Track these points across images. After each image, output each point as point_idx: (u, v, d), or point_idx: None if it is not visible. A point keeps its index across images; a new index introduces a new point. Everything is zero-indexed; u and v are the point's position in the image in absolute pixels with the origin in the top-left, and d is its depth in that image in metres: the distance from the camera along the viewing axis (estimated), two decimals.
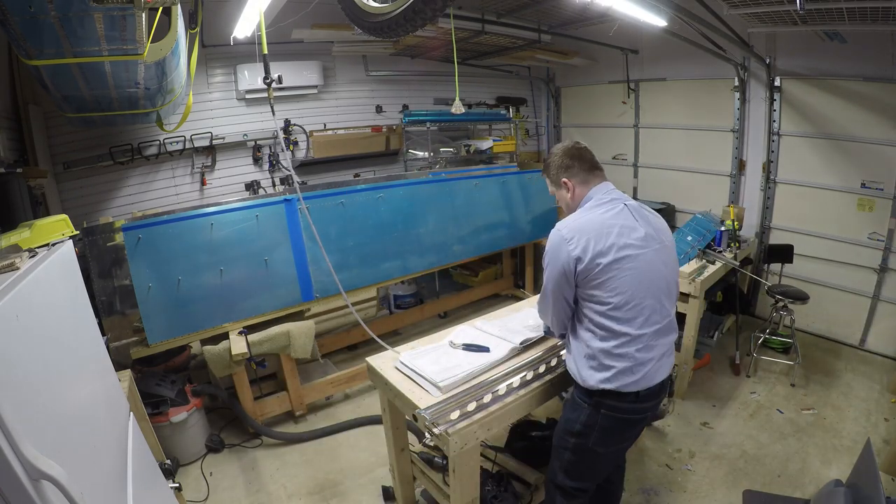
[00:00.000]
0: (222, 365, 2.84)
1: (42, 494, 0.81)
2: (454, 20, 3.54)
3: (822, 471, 2.65)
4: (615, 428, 1.70)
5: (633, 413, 1.67)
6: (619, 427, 1.70)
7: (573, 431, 1.74)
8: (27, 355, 0.98)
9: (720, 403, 3.32)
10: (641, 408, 1.67)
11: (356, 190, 3.54)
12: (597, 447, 1.72)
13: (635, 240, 1.61)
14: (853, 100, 3.74)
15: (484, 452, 2.45)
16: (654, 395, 1.69)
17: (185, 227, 2.85)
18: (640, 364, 1.60)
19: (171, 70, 2.41)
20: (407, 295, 4.72)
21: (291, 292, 3.19)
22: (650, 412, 1.76)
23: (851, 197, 3.88)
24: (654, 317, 1.62)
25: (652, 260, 1.63)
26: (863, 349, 4.00)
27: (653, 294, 1.62)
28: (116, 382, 1.76)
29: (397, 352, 2.14)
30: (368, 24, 1.96)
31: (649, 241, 1.64)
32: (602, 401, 1.65)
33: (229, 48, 3.78)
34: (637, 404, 1.65)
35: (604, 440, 1.71)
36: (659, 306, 1.64)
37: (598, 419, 1.67)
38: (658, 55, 4.94)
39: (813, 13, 3.08)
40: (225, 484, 2.75)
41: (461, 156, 5.09)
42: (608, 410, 1.65)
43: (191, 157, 4.13)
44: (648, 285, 1.61)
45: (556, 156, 1.80)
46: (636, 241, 1.61)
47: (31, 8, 1.46)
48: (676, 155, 5.09)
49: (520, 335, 2.18)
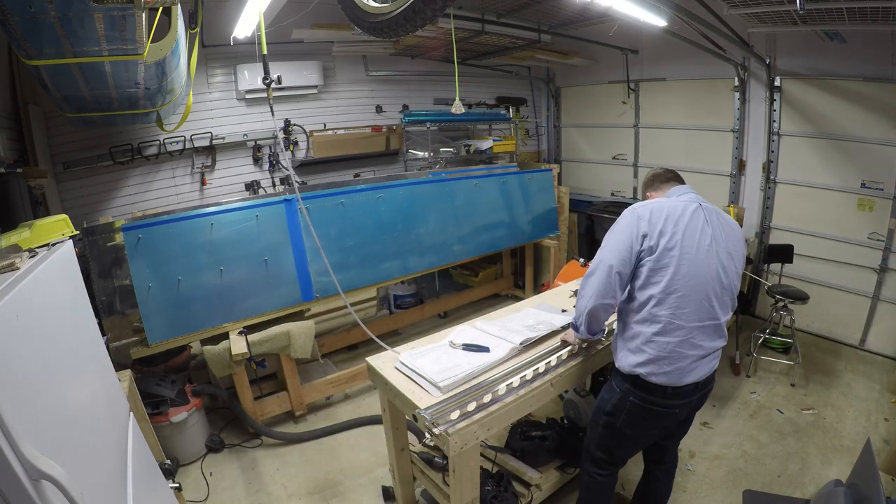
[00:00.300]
0: (222, 365, 2.84)
1: (42, 494, 0.81)
2: (454, 20, 3.54)
3: (822, 471, 2.65)
4: (641, 416, 1.78)
5: (661, 406, 1.74)
6: (645, 416, 1.78)
7: (605, 410, 1.86)
8: (27, 355, 0.98)
9: (720, 403, 3.32)
10: (669, 403, 1.74)
11: (356, 190, 3.54)
12: (624, 429, 1.83)
13: (701, 235, 1.67)
14: (853, 100, 3.75)
15: (484, 452, 2.46)
16: (685, 395, 1.73)
17: (185, 227, 2.85)
18: (675, 358, 1.66)
19: (171, 70, 2.41)
20: (407, 295, 4.72)
21: (291, 292, 3.19)
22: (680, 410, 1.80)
23: (851, 197, 3.88)
24: (699, 313, 1.66)
25: (711, 261, 1.67)
26: (863, 349, 4.01)
27: (703, 292, 1.66)
28: (116, 382, 1.76)
29: (397, 352, 2.14)
30: (368, 24, 1.96)
31: (716, 242, 1.69)
32: (632, 389, 1.74)
33: (229, 48, 3.78)
34: (665, 399, 1.72)
35: (631, 424, 1.82)
36: (707, 305, 1.68)
37: (626, 405, 1.77)
38: (658, 55, 4.94)
39: (813, 13, 3.08)
40: (225, 484, 2.75)
41: (461, 156, 5.09)
42: (636, 399, 1.74)
43: (191, 157, 4.12)
44: (701, 282, 1.65)
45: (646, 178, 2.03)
46: (702, 237, 1.67)
47: (31, 8, 1.46)
48: (676, 155, 5.08)
49: (520, 335, 2.19)
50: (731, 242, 1.75)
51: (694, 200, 1.77)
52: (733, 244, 1.76)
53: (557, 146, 6.45)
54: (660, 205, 1.72)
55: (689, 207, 1.72)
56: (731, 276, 1.74)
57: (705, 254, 1.66)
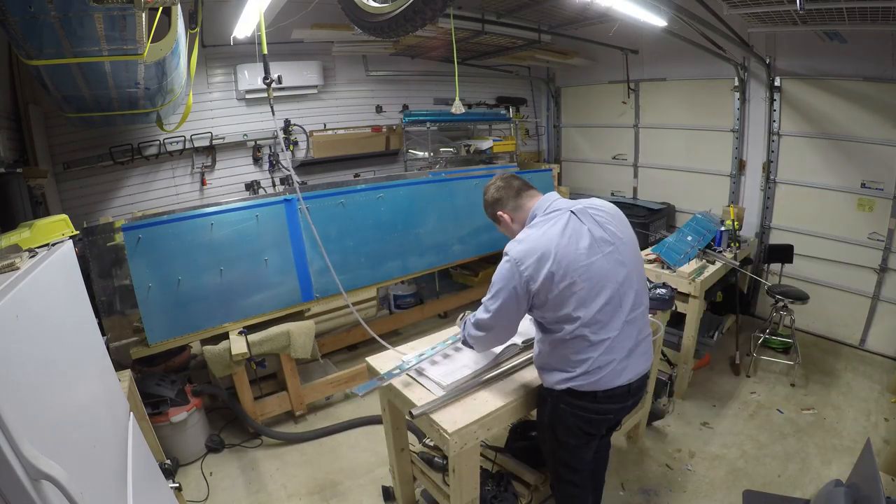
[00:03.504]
0: (222, 365, 2.83)
1: (42, 494, 0.81)
2: (454, 20, 3.54)
3: (822, 471, 2.65)
4: (576, 423, 1.70)
5: (594, 413, 1.68)
6: (580, 423, 1.70)
7: (542, 424, 1.81)
8: (27, 355, 0.98)
9: (720, 403, 3.32)
10: (601, 408, 1.67)
11: (356, 190, 3.53)
12: (566, 438, 1.76)
13: (584, 249, 1.58)
14: (853, 100, 3.74)
15: (484, 452, 2.45)
16: (619, 398, 1.67)
17: (185, 227, 2.85)
18: (598, 367, 1.60)
19: (171, 70, 2.41)
20: (407, 295, 4.72)
21: (291, 292, 3.19)
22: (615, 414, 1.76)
23: (851, 197, 3.88)
24: (617, 317, 1.60)
25: (603, 266, 1.59)
26: (863, 349, 4.00)
27: (614, 297, 1.59)
28: (116, 382, 1.76)
29: (399, 351, 2.14)
30: (368, 24, 1.96)
31: (600, 247, 1.60)
32: (561, 397, 1.67)
33: (229, 48, 3.77)
34: (595, 404, 1.65)
35: (569, 432, 1.74)
36: (622, 305, 1.61)
37: (557, 414, 1.71)
38: (658, 55, 4.94)
39: (813, 13, 3.08)
40: (225, 484, 2.75)
41: (461, 156, 5.09)
42: (567, 406, 1.68)
43: (191, 157, 4.12)
44: (608, 290, 1.58)
45: (488, 196, 1.83)
46: (584, 251, 1.58)
47: (31, 8, 1.46)
48: (676, 155, 5.09)
49: (520, 335, 2.18)
50: (616, 234, 1.65)
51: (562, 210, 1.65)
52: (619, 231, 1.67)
53: (557, 146, 6.45)
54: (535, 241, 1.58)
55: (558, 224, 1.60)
56: (630, 262, 1.66)
57: (597, 263, 1.58)
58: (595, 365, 1.59)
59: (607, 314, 1.59)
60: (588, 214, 1.66)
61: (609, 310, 1.59)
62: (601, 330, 1.58)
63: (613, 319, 1.60)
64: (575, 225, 1.62)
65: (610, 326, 1.59)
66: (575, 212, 1.65)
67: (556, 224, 1.61)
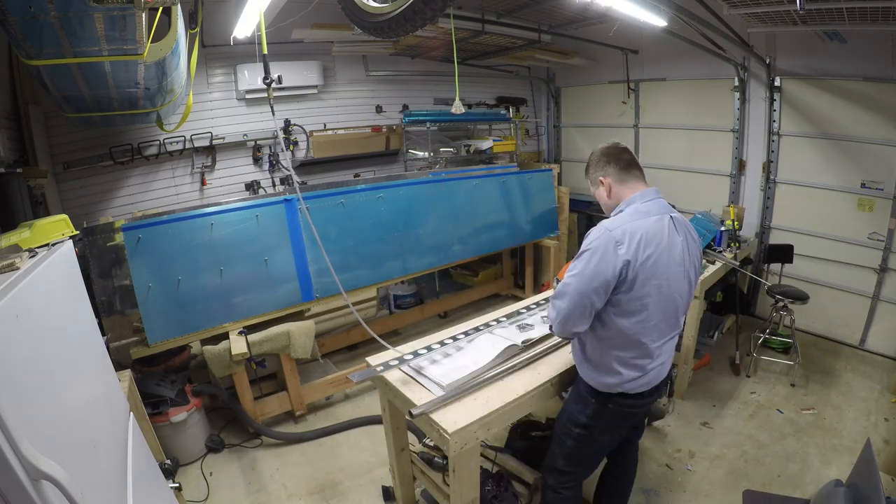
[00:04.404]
0: (222, 365, 2.83)
1: (42, 494, 0.81)
2: (454, 20, 3.54)
3: (822, 471, 2.65)
4: (618, 420, 1.81)
5: (636, 407, 1.78)
6: (621, 419, 1.81)
7: (578, 423, 1.81)
8: (27, 355, 0.98)
9: (720, 403, 3.32)
10: (643, 403, 1.78)
11: (356, 190, 3.53)
12: (600, 437, 1.83)
13: (675, 257, 1.62)
14: (853, 100, 3.74)
15: (484, 452, 2.45)
16: (656, 391, 1.79)
17: (185, 227, 2.85)
18: (647, 372, 1.69)
19: (171, 70, 2.40)
20: (407, 295, 4.72)
21: (291, 292, 3.19)
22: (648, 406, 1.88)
23: (851, 197, 3.88)
24: (670, 330, 1.71)
25: (681, 280, 1.66)
26: (863, 349, 4.01)
27: (673, 311, 1.68)
28: (116, 382, 1.76)
29: (399, 352, 2.14)
30: (368, 24, 1.96)
31: (684, 262, 1.66)
32: (610, 397, 1.73)
33: (229, 48, 3.77)
34: (639, 400, 1.76)
35: (608, 430, 1.83)
36: (674, 321, 1.71)
37: (603, 413, 1.75)
38: (658, 55, 4.94)
39: (813, 13, 3.08)
40: (225, 484, 2.75)
41: (461, 156, 5.09)
42: (615, 406, 1.74)
43: (191, 157, 4.12)
44: (673, 303, 1.66)
45: (595, 155, 1.77)
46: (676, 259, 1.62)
47: (31, 8, 1.46)
48: (676, 155, 5.08)
49: (521, 335, 2.18)
50: (695, 253, 1.73)
51: (664, 211, 1.65)
52: (695, 254, 1.74)
53: (557, 146, 6.44)
54: (638, 227, 1.56)
55: (662, 224, 1.60)
56: (693, 286, 1.74)
57: (678, 275, 1.63)
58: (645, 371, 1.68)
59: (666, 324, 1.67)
60: (684, 227, 1.70)
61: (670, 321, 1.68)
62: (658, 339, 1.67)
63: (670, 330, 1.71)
64: (671, 231, 1.64)
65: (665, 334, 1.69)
66: (673, 218, 1.67)
67: (661, 222, 1.62)
